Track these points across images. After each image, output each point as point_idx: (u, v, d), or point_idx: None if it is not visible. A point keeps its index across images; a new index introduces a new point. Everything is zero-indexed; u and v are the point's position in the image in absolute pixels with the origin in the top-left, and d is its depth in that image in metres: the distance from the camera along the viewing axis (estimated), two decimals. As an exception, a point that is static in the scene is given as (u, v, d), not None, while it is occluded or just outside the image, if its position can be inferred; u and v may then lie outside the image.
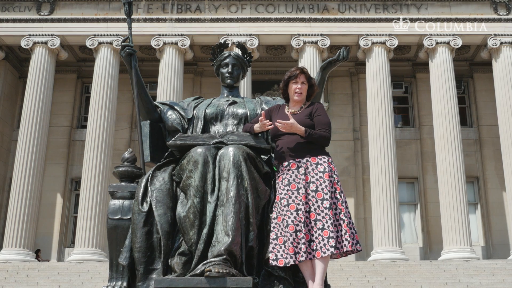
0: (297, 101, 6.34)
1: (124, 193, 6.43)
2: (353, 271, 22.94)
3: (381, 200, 26.34)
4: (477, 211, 30.99)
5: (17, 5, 28.98)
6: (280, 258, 5.80)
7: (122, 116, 31.27)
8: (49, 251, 29.97)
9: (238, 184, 5.82)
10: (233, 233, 5.61)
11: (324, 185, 5.90)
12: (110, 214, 6.32)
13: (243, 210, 5.77)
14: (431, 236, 30.18)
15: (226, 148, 6.06)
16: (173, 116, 7.06)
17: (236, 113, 6.95)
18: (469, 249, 25.81)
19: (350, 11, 28.89)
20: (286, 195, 5.91)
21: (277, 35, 29.06)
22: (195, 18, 28.82)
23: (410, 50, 31.32)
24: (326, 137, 6.14)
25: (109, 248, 6.34)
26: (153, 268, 5.96)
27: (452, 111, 27.49)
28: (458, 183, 26.54)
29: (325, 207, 5.81)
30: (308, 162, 6.01)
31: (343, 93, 32.67)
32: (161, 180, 6.21)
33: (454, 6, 28.77)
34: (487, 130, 31.67)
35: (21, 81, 32.45)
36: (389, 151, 26.97)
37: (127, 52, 6.96)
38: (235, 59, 7.42)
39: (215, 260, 5.51)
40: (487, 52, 29.28)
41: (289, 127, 6.01)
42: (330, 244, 5.69)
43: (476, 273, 22.76)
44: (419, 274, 22.79)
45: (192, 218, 5.80)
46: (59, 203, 30.81)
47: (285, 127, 6.01)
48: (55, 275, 22.43)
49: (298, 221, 5.77)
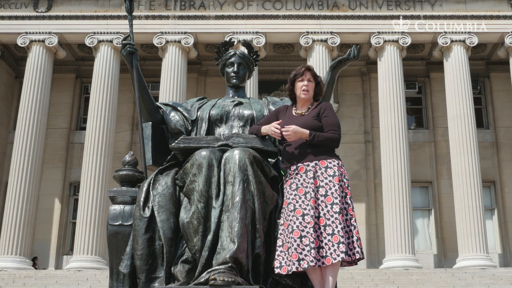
0: (305, 99, 6.34)
1: (125, 198, 6.44)
2: (364, 279, 22.90)
3: (393, 205, 26.28)
4: (494, 217, 30.92)
5: (13, 1, 29.00)
6: (284, 266, 5.79)
7: (123, 118, 31.28)
8: (47, 259, 29.99)
9: (244, 189, 5.81)
10: (238, 239, 5.60)
11: (334, 189, 5.89)
12: (111, 220, 6.33)
13: (249, 216, 5.76)
14: (445, 243, 30.11)
15: (232, 151, 6.05)
16: (176, 117, 7.05)
17: (242, 115, 6.93)
18: (485, 256, 25.74)
19: (361, 7, 28.85)
20: (293, 200, 5.91)
21: (285, 33, 29.04)
22: (199, 15, 28.81)
23: (424, 49, 31.26)
24: (334, 139, 6.11)
25: (109, 256, 6.34)
26: (155, 277, 5.95)
27: (468, 112, 27.42)
28: (474, 188, 26.47)
29: (335, 211, 5.80)
30: (317, 165, 5.99)
31: (354, 93, 32.64)
32: (164, 184, 6.21)
33: (470, 3, 28.70)
34: (504, 132, 31.60)
35: (17, 81, 32.49)
36: (402, 154, 26.90)
37: (128, 50, 6.96)
38: (241, 58, 7.40)
39: (220, 268, 5.49)
40: (504, 50, 29.21)
41: (294, 134, 6.01)
42: (341, 250, 5.68)
43: (492, 282, 22.69)
44: (433, 283, 22.74)
45: (196, 224, 5.79)
46: (57, 208, 30.83)
47: (289, 135, 6.01)
48: (53, 284, 22.45)
49: (304, 226, 5.76)
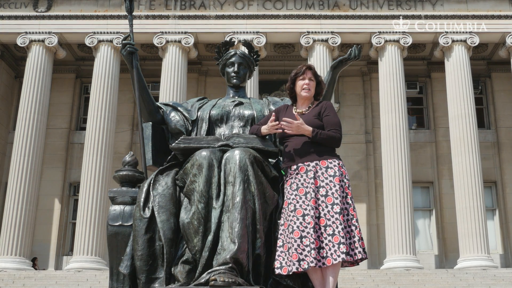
0: (305, 98, 6.35)
1: (125, 198, 6.44)
2: (365, 280, 22.89)
3: (394, 206, 26.27)
4: (495, 217, 30.91)
5: (13, 1, 28.99)
6: (284, 266, 5.79)
7: (123, 118, 31.27)
8: (47, 259, 29.99)
9: (245, 189, 5.81)
10: (239, 240, 5.60)
11: (335, 189, 5.89)
12: (111, 220, 6.33)
13: (249, 216, 5.76)
14: (446, 244, 30.09)
15: (232, 151, 6.05)
16: (177, 117, 7.05)
17: (242, 115, 6.93)
18: (486, 257, 25.73)
19: (362, 7, 28.84)
20: (293, 200, 5.90)
21: (286, 33, 29.04)
22: (199, 15, 28.80)
23: (425, 49, 31.24)
24: (336, 138, 6.12)
25: (109, 256, 6.34)
26: (155, 277, 5.95)
27: (469, 112, 27.40)
28: (475, 188, 26.45)
29: (335, 211, 5.80)
30: (318, 165, 5.99)
31: (355, 93, 32.64)
32: (164, 184, 6.21)
33: (471, 3, 28.69)
34: (506, 132, 31.58)
35: (17, 81, 32.49)
36: (402, 154, 26.89)
37: (128, 50, 6.96)
38: (241, 58, 7.40)
39: (221, 268, 5.49)
40: (505, 50, 29.19)
41: (296, 128, 6.01)
42: (341, 250, 5.68)
43: (494, 283, 22.68)
44: (434, 283, 22.73)
45: (197, 224, 5.79)
46: (57, 208, 30.82)
47: (291, 127, 6.01)
48: (53, 285, 22.44)
49: (304, 226, 5.75)
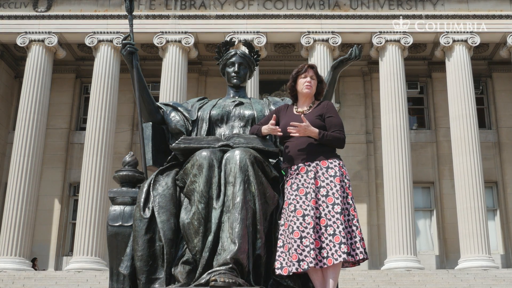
0: (307, 95, 6.34)
1: (125, 198, 6.43)
2: (366, 280, 22.89)
3: (395, 206, 26.26)
4: (496, 218, 30.90)
5: (13, 1, 28.98)
6: (284, 267, 5.79)
7: (123, 118, 31.27)
8: (46, 260, 29.98)
9: (245, 189, 5.81)
10: (239, 240, 5.60)
11: (335, 190, 5.89)
12: (111, 220, 6.33)
13: (250, 217, 5.76)
14: (447, 244, 30.08)
15: (232, 152, 6.05)
16: (177, 117, 7.04)
17: (242, 115, 6.93)
18: (487, 257, 25.72)
19: (362, 7, 28.83)
20: (294, 200, 5.90)
21: (286, 33, 29.04)
22: (199, 15, 28.80)
23: (426, 49, 31.23)
24: (341, 139, 6.14)
25: (109, 257, 6.34)
26: (155, 278, 5.94)
27: (470, 113, 27.39)
28: (476, 188, 26.44)
29: (336, 212, 5.80)
30: (318, 166, 5.99)
31: (355, 93, 32.63)
32: (164, 185, 6.20)
33: (472, 2, 28.68)
34: (507, 132, 31.57)
35: (17, 81, 32.48)
36: (403, 154, 26.88)
37: (128, 50, 6.95)
38: (242, 58, 7.39)
39: (221, 269, 5.49)
40: (506, 50, 29.19)
41: (303, 131, 6.00)
42: (342, 250, 5.67)
43: (495, 283, 22.67)
44: (435, 284, 22.73)
45: (197, 225, 5.79)
46: (56, 209, 30.82)
47: (299, 130, 6.00)
48: (53, 285, 22.44)
49: (304, 227, 5.75)
